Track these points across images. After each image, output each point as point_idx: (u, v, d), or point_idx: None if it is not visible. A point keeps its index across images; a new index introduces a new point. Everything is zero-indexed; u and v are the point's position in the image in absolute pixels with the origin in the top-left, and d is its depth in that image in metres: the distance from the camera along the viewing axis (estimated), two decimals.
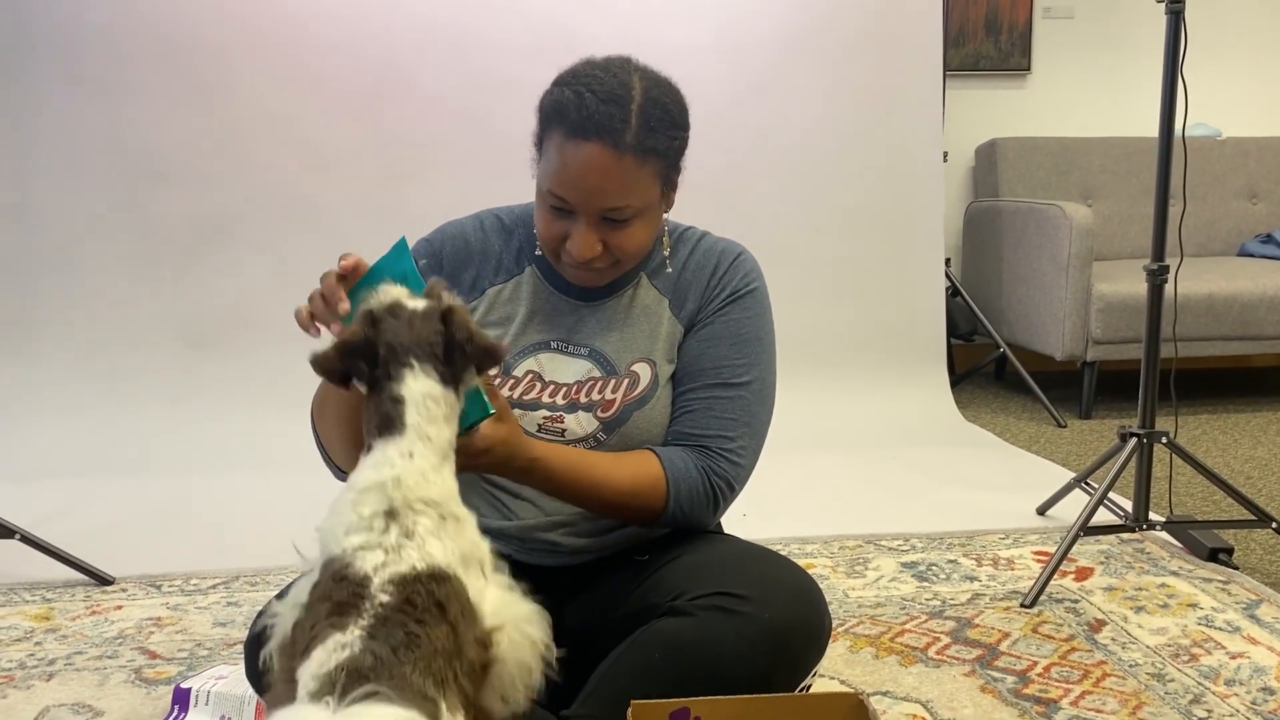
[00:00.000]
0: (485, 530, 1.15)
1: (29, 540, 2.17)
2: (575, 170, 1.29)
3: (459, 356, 1.13)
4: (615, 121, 1.28)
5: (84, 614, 2.05)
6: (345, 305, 1.20)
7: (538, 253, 1.45)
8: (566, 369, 1.42)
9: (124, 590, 2.17)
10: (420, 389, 1.11)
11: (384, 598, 1.00)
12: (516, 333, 1.43)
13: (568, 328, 1.44)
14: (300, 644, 1.01)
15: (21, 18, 3.25)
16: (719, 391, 1.42)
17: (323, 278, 1.23)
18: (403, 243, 1.26)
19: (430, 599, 1.01)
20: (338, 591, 1.01)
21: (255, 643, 1.29)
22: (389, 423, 1.11)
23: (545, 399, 1.40)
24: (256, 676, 1.30)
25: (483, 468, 1.27)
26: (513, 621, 1.11)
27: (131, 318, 3.31)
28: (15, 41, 3.25)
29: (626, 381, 1.41)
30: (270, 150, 3.34)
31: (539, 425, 1.39)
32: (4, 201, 3.30)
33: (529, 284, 1.46)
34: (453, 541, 1.08)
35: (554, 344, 1.43)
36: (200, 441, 3.12)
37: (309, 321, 1.22)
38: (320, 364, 1.13)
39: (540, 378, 1.41)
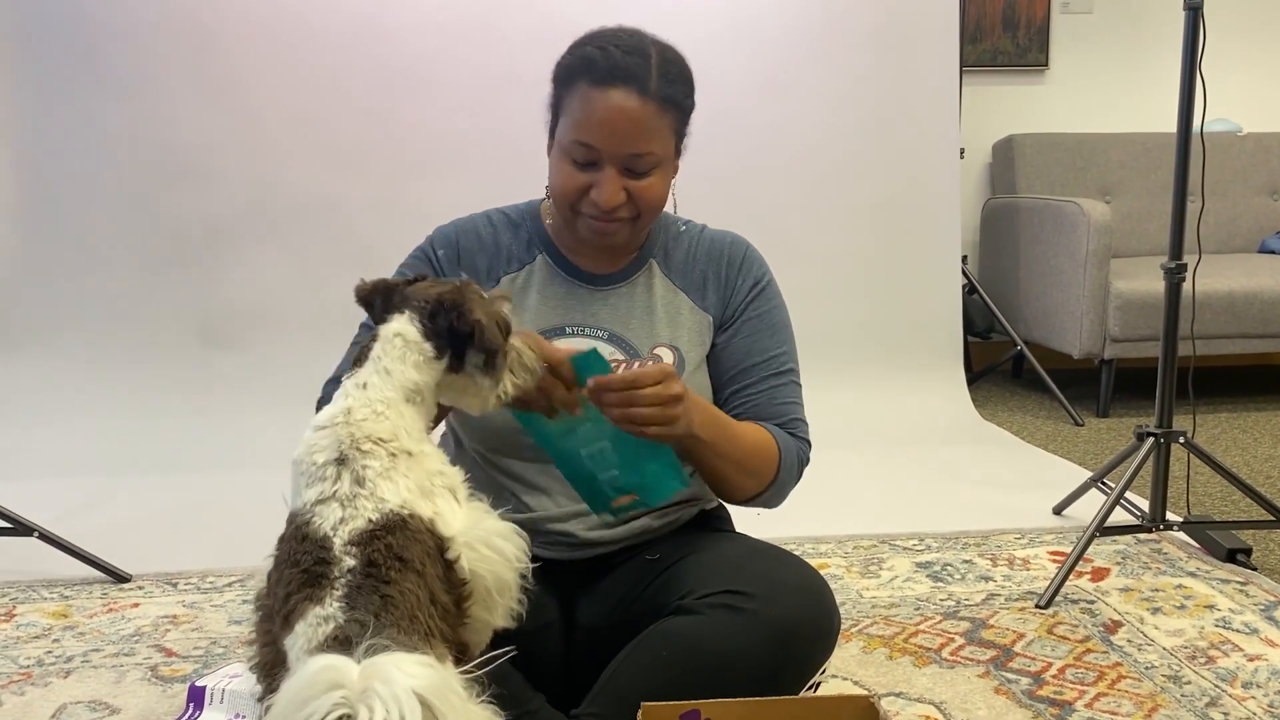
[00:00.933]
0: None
1: (47, 538, 2.19)
2: (604, 114, 1.33)
3: (438, 314, 1.17)
4: (640, 70, 1.34)
5: (101, 611, 2.06)
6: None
7: (537, 227, 1.47)
8: None
9: (141, 588, 2.18)
10: (394, 328, 1.17)
11: (349, 561, 1.04)
12: (532, 318, 1.45)
13: (584, 313, 1.46)
14: (277, 610, 1.05)
15: (41, 17, 3.27)
16: (775, 380, 1.49)
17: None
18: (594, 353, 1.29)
19: (390, 554, 1.05)
20: (303, 555, 1.06)
21: None
22: (360, 357, 1.18)
23: None
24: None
25: (670, 418, 1.26)
26: (482, 538, 1.14)
27: (149, 316, 3.33)
28: (35, 41, 3.28)
29: (650, 364, 1.42)
30: (288, 149, 3.35)
31: None
32: (24, 200, 3.33)
33: (541, 271, 1.48)
34: (405, 477, 1.11)
35: (569, 329, 1.45)
36: (217, 439, 3.14)
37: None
38: (358, 289, 1.23)
39: None
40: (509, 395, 1.21)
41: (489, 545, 1.14)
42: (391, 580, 1.02)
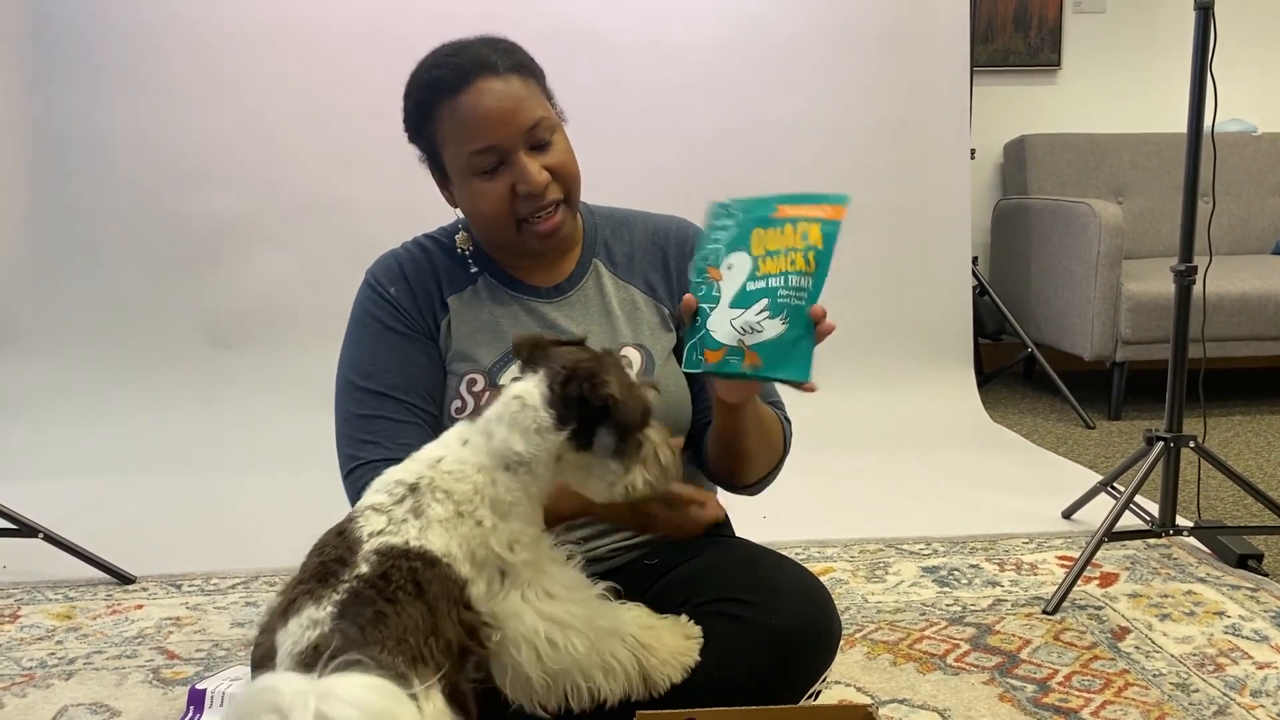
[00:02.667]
0: None
1: (52, 539, 2.20)
2: (481, 110, 1.33)
3: (569, 385, 1.12)
4: (480, 57, 1.35)
5: (105, 613, 2.06)
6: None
7: (468, 255, 1.46)
8: None
9: (145, 589, 2.19)
10: (518, 388, 1.13)
11: (364, 568, 1.03)
12: (490, 339, 1.42)
13: (543, 326, 1.44)
14: (285, 596, 1.05)
15: (50, 18, 3.28)
16: None
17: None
18: (744, 203, 1.25)
19: (409, 577, 1.04)
20: (331, 548, 1.06)
21: None
22: (478, 410, 1.16)
23: None
24: None
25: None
26: (519, 636, 1.11)
27: (157, 316, 3.34)
28: (42, 41, 3.29)
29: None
30: (296, 150, 3.35)
31: None
32: (32, 200, 3.34)
33: (486, 291, 1.45)
34: (465, 540, 1.09)
35: None
36: (224, 440, 3.14)
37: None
38: (516, 340, 1.20)
39: None
40: (637, 491, 1.14)
41: (520, 649, 1.12)
42: (395, 600, 1.01)
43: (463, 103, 1.33)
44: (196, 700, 1.62)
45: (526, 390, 1.13)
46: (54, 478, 2.91)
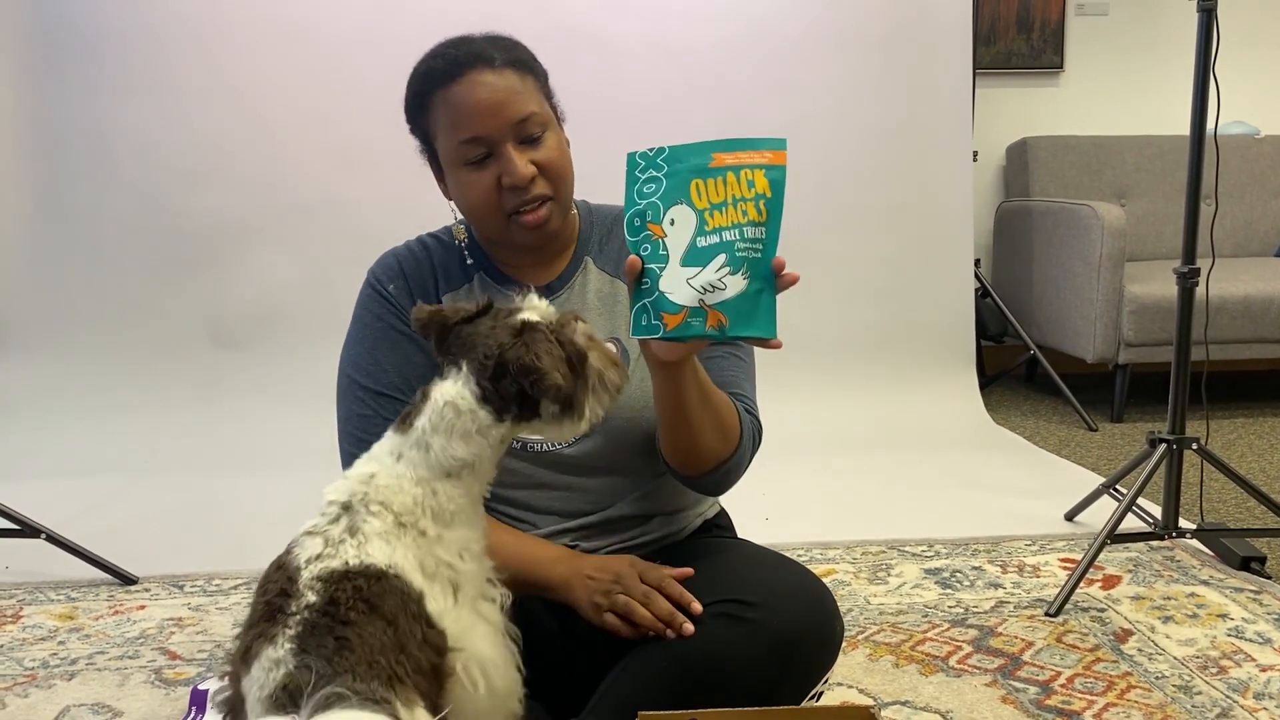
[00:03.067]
0: None
1: (54, 539, 2.20)
2: (473, 100, 1.33)
3: (504, 375, 1.08)
4: (477, 50, 1.36)
5: (107, 613, 2.06)
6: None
7: (464, 248, 1.46)
8: None
9: (147, 590, 2.19)
10: (447, 393, 1.09)
11: (310, 597, 0.99)
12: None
13: None
14: (240, 643, 1.02)
15: (51, 18, 3.28)
16: (720, 360, 1.41)
17: (665, 583, 1.28)
18: (665, 152, 1.19)
19: (356, 595, 0.99)
20: (271, 584, 1.02)
21: None
22: (406, 417, 1.11)
23: None
24: None
25: (656, 359, 1.23)
26: (474, 658, 1.07)
27: (159, 316, 3.34)
28: (44, 42, 3.29)
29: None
30: (298, 149, 3.36)
31: None
32: (33, 200, 3.34)
33: (480, 289, 1.46)
34: (409, 550, 1.05)
35: None
36: (226, 441, 3.14)
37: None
38: (416, 317, 1.16)
39: None
40: (598, 418, 1.14)
41: (473, 673, 1.08)
42: (351, 622, 0.97)
43: (454, 93, 1.34)
44: (199, 701, 1.62)
45: (455, 394, 1.08)
46: (56, 478, 2.91)
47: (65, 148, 3.32)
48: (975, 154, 3.72)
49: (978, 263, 3.84)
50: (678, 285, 1.14)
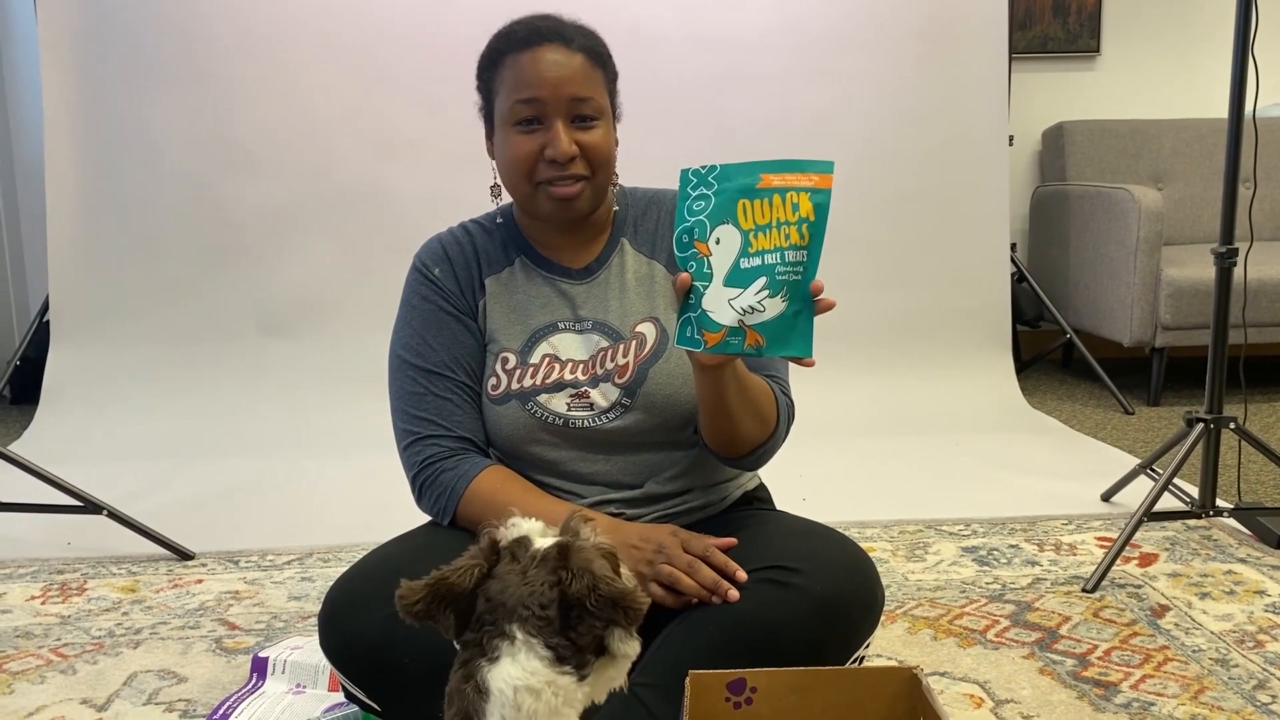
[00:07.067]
0: None
1: (116, 516, 2.28)
2: (539, 67, 1.39)
3: (582, 618, 0.87)
4: (560, 28, 1.42)
5: (167, 587, 2.14)
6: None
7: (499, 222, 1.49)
8: (578, 346, 1.46)
9: (204, 565, 2.26)
10: (515, 676, 0.85)
11: None
12: (521, 319, 1.48)
13: (570, 307, 1.48)
14: None
15: (102, 17, 3.36)
16: None
17: (710, 552, 1.31)
18: (717, 171, 1.21)
19: None
20: None
21: (327, 619, 1.35)
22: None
23: (567, 376, 1.44)
24: (330, 648, 1.35)
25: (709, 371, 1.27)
26: None
27: (209, 305, 3.43)
28: (97, 40, 3.38)
29: (634, 343, 1.45)
30: (341, 140, 3.42)
31: (567, 404, 1.43)
32: (86, 194, 3.43)
33: (521, 273, 1.50)
34: None
35: (561, 324, 1.48)
36: (274, 424, 3.22)
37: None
38: (404, 601, 0.90)
39: (556, 358, 1.46)
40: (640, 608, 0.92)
41: None
42: None
43: (525, 58, 1.39)
44: (260, 667, 1.69)
45: (523, 674, 0.85)
46: (109, 460, 3.00)
47: (116, 141, 3.41)
48: (1011, 139, 3.73)
49: (1014, 247, 3.85)
50: (720, 305, 1.19)
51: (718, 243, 1.19)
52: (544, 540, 0.93)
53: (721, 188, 1.20)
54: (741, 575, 1.29)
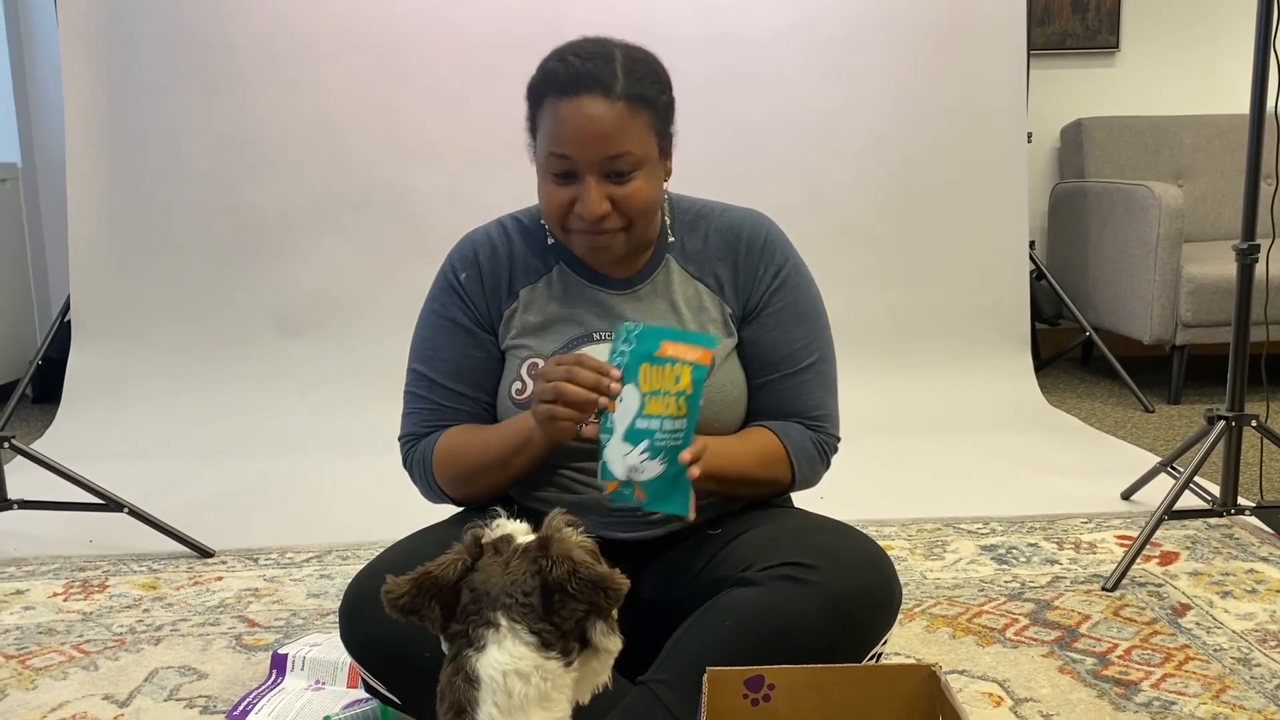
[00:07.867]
0: (561, 504, 1.19)
1: (137, 514, 2.29)
2: (573, 123, 1.34)
3: (564, 602, 0.90)
4: (603, 74, 1.34)
5: (187, 584, 2.15)
6: (614, 391, 1.27)
7: (550, 240, 1.48)
8: None
9: (224, 562, 2.27)
10: (502, 662, 0.86)
11: None
12: (555, 327, 1.46)
13: (609, 318, 1.46)
14: None
15: (120, 19, 3.39)
16: (801, 376, 1.48)
17: (584, 361, 1.29)
18: (639, 330, 1.28)
19: None
20: None
21: (347, 613, 1.36)
22: (459, 712, 0.87)
23: None
24: (350, 643, 1.36)
25: None
26: None
27: (229, 305, 3.45)
28: (121, 44, 3.40)
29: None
30: (360, 141, 3.44)
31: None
32: (111, 195, 3.46)
33: (559, 280, 1.48)
34: None
35: (597, 335, 1.46)
36: (294, 423, 3.24)
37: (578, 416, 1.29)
38: (390, 596, 0.93)
39: None
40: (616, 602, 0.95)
41: None
42: None
43: (562, 108, 1.35)
44: (279, 664, 1.70)
45: (510, 659, 0.86)
46: (129, 459, 3.02)
47: (136, 142, 3.43)
48: (1029, 135, 3.71)
49: (1032, 245, 3.83)
50: (616, 458, 1.27)
51: (621, 400, 1.27)
52: (527, 537, 0.96)
53: (635, 349, 1.27)
54: (615, 373, 1.27)
